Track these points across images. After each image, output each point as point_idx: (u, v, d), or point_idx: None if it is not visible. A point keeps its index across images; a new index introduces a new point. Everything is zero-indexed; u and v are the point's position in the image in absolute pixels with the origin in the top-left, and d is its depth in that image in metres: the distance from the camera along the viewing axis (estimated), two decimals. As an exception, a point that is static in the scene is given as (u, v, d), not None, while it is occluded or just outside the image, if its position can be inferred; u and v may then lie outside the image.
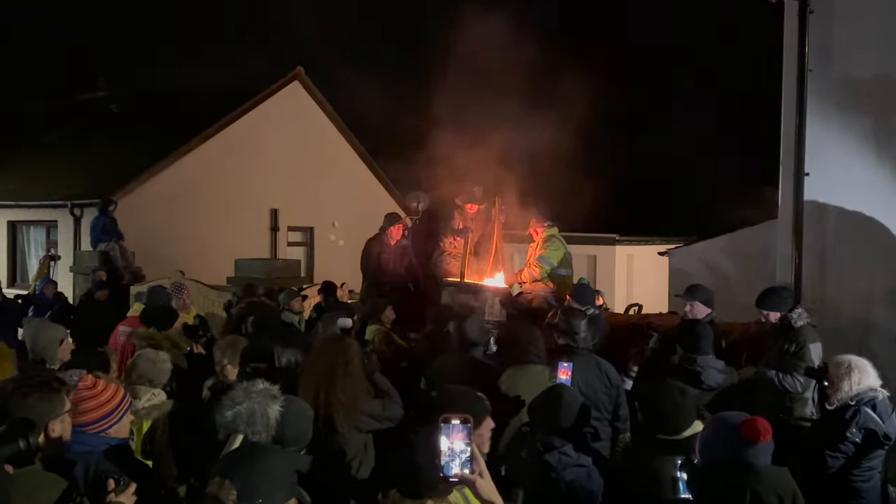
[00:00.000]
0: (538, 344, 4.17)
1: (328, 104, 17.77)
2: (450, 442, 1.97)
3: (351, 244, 14.92)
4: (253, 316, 6.06)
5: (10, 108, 21.53)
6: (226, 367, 4.02)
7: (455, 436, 1.97)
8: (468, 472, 1.96)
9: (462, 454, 1.97)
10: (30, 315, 9.03)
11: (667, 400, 2.97)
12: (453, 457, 1.97)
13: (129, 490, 2.30)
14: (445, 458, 1.96)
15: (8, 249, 15.65)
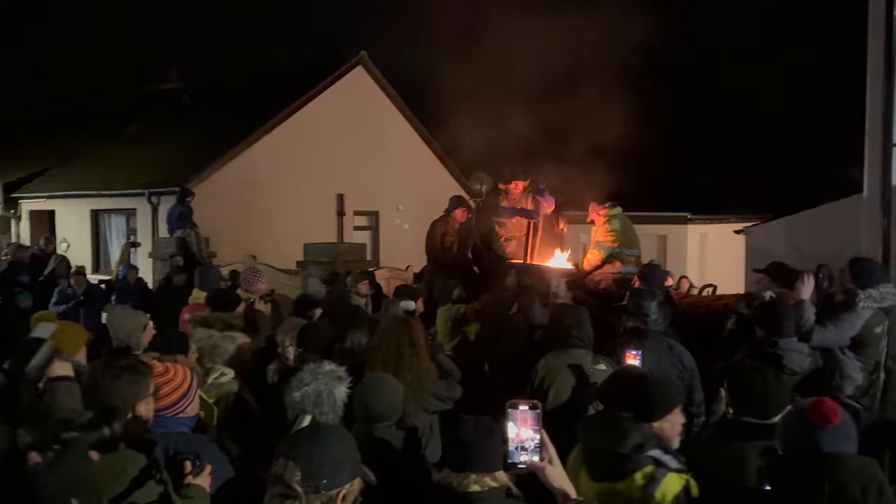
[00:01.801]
0: (582, 327, 4.04)
1: (391, 88, 17.85)
2: (517, 428, 1.92)
3: (415, 227, 14.99)
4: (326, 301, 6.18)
5: (89, 101, 22.61)
6: (287, 349, 4.07)
7: (523, 422, 1.92)
8: (537, 459, 1.91)
9: (531, 441, 1.92)
10: (112, 300, 9.48)
11: (758, 383, 2.81)
12: (521, 443, 1.91)
13: (205, 472, 2.36)
14: (513, 445, 1.91)
15: (91, 237, 16.45)
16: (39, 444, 1.59)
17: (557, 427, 3.54)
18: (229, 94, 18.32)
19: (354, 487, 1.86)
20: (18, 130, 22.70)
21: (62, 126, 20.82)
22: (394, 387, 2.91)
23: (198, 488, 2.34)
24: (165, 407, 2.72)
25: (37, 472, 1.55)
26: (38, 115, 23.44)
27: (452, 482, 2.13)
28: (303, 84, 16.35)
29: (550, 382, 3.87)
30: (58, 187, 16.73)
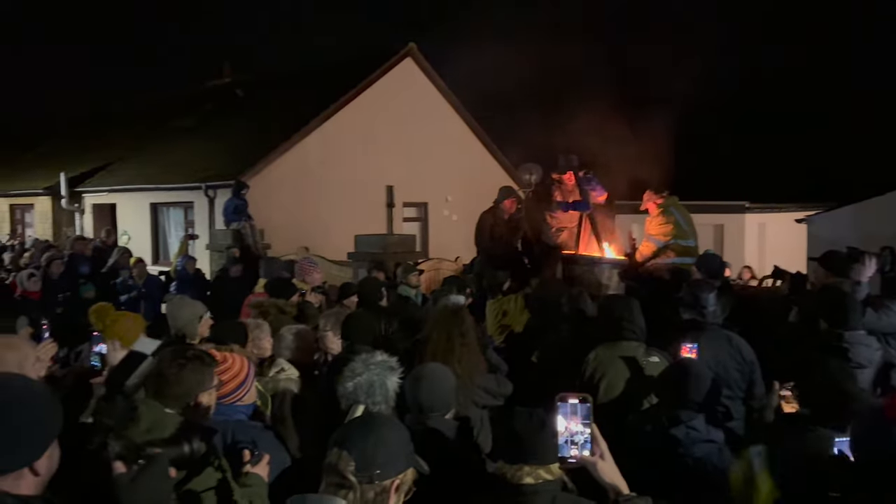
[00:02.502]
0: (634, 319, 3.92)
1: (440, 79, 17.83)
2: (567, 422, 1.88)
3: (464, 218, 14.97)
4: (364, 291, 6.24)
5: (147, 98, 23.33)
6: (327, 336, 4.09)
7: (573, 415, 1.88)
8: (587, 453, 1.87)
9: (581, 435, 1.88)
10: (172, 290, 9.78)
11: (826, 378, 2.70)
12: (571, 437, 1.88)
13: (263, 461, 2.40)
14: (562, 439, 1.88)
15: (151, 229, 16.99)
16: (126, 455, 1.65)
17: (609, 420, 3.51)
18: (282, 88, 18.62)
19: (408, 477, 1.86)
20: (81, 127, 23.64)
21: (122, 122, 21.56)
22: (446, 377, 2.90)
23: (255, 477, 2.38)
24: (223, 395, 2.78)
25: (120, 484, 1.61)
26: (99, 112, 24.32)
27: (506, 474, 2.11)
28: (353, 77, 16.49)
29: (601, 375, 3.80)
30: (119, 181, 17.32)
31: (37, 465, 1.57)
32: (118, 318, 3.72)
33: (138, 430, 2.04)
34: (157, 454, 1.71)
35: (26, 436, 1.56)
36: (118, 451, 1.68)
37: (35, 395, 1.64)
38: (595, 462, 1.89)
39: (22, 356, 2.59)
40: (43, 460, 1.59)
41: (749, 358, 4.04)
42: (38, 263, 9.86)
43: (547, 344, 4.56)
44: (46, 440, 1.60)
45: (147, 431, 2.10)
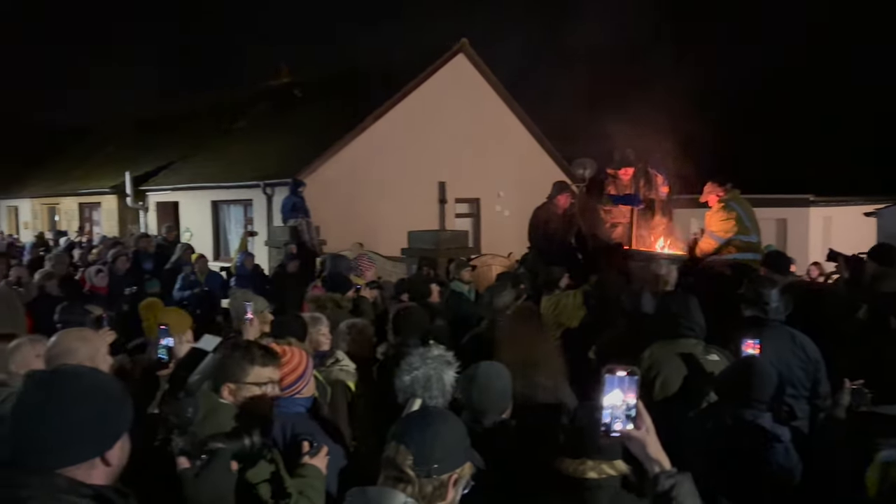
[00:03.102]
0: (692, 316, 3.81)
1: (493, 75, 17.78)
2: (614, 396, 1.86)
3: (517, 214, 14.90)
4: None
5: (209, 98, 24.00)
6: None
7: (620, 389, 1.85)
8: (631, 427, 1.84)
9: (627, 409, 1.84)
10: (233, 285, 10.05)
11: None
12: (617, 412, 1.85)
13: (321, 453, 2.43)
14: (608, 413, 1.85)
15: (212, 226, 17.49)
16: (190, 451, 1.70)
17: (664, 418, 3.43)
18: (337, 87, 18.88)
19: (465, 472, 1.87)
20: (146, 127, 24.51)
21: (184, 122, 22.25)
22: (500, 376, 2.88)
23: (313, 468, 2.41)
24: (283, 388, 2.85)
25: (186, 479, 1.66)
26: (163, 113, 25.16)
27: (568, 468, 2.10)
28: (405, 75, 16.59)
29: (657, 372, 3.72)
30: (181, 180, 17.90)
31: (108, 456, 1.62)
32: (166, 312, 3.85)
33: (199, 424, 2.11)
34: (219, 449, 1.75)
35: (98, 427, 1.61)
36: (182, 446, 1.72)
37: (107, 388, 1.69)
38: (642, 437, 1.87)
39: (94, 349, 2.70)
40: (114, 451, 1.63)
41: (814, 356, 3.91)
42: (105, 260, 10.27)
43: (604, 340, 4.50)
44: (118, 431, 1.65)
45: (203, 419, 2.18)
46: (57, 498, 1.50)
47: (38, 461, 1.53)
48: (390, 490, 1.77)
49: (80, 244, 14.87)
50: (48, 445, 1.55)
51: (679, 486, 1.77)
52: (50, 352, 2.78)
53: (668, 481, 1.78)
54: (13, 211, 26.66)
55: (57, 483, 1.52)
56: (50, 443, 1.55)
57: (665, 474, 1.81)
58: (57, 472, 1.54)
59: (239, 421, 2.17)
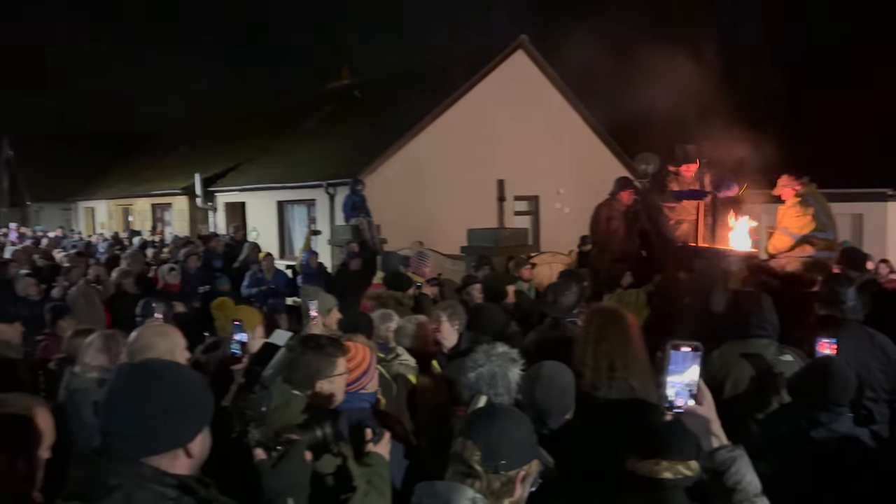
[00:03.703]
0: (764, 315, 3.65)
1: (552, 70, 17.60)
2: (678, 371, 1.83)
3: (577, 211, 14.71)
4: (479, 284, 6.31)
5: (273, 101, 24.65)
6: (443, 325, 4.15)
7: (684, 364, 1.82)
8: (693, 402, 1.83)
9: (690, 385, 1.82)
10: (299, 283, 10.31)
11: None
12: (681, 388, 1.83)
13: (384, 440, 2.47)
14: (672, 388, 1.82)
15: (277, 225, 17.94)
16: (265, 442, 1.77)
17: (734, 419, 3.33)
18: (397, 87, 19.08)
19: (533, 469, 1.87)
20: (215, 129, 25.36)
21: (252, 124, 22.91)
22: (563, 376, 2.87)
23: (377, 456, 2.45)
24: (348, 383, 2.91)
25: (262, 470, 1.73)
26: (231, 115, 25.98)
27: (643, 469, 2.08)
28: (464, 72, 16.62)
29: (727, 374, 3.62)
30: (248, 181, 18.42)
31: (191, 447, 1.68)
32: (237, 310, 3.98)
33: (273, 415, 2.18)
34: (294, 441, 1.81)
35: (182, 418, 1.68)
36: (258, 438, 1.78)
37: (190, 381, 1.76)
38: (704, 412, 1.85)
39: (173, 343, 2.83)
40: (196, 443, 1.69)
41: (894, 357, 3.73)
42: (177, 258, 10.68)
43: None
44: (200, 424, 1.72)
45: (275, 410, 2.25)
46: (142, 486, 1.57)
47: (125, 450, 1.60)
48: (458, 485, 1.79)
49: (153, 243, 15.49)
50: (135, 435, 1.62)
51: (738, 460, 1.80)
52: (131, 346, 2.92)
53: (728, 455, 1.80)
54: (90, 212, 28.04)
55: (142, 472, 1.59)
56: (136, 433, 1.62)
57: (726, 449, 1.82)
58: (142, 462, 1.61)
59: (309, 413, 2.23)
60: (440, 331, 4.12)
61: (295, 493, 1.72)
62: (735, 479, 1.81)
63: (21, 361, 4.51)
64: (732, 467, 1.79)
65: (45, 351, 5.15)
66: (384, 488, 2.40)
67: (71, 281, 8.15)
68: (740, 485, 1.81)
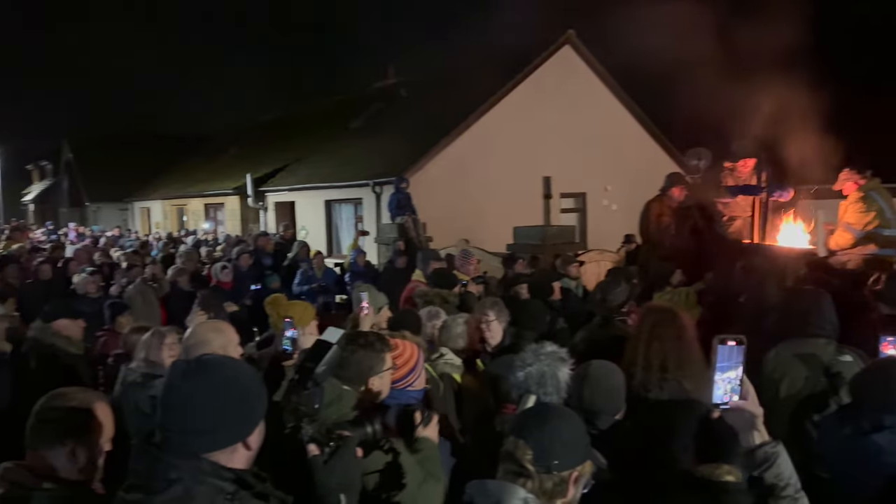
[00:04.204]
0: (823, 314, 3.51)
1: (600, 65, 17.37)
2: (726, 366, 1.79)
3: (625, 208, 14.48)
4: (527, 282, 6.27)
5: (321, 101, 25.00)
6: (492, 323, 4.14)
7: (730, 360, 1.79)
8: (737, 397, 1.80)
9: (735, 379, 1.80)
10: (347, 281, 10.44)
11: None
12: (726, 382, 1.79)
13: (432, 422, 2.48)
14: (719, 384, 1.79)
15: (325, 224, 18.20)
16: (318, 438, 1.79)
17: (790, 422, 3.22)
18: (442, 85, 19.12)
19: (586, 470, 1.85)
20: (265, 131, 25.87)
21: (301, 125, 23.30)
22: (613, 375, 2.82)
23: (426, 440, 2.46)
24: (396, 380, 2.92)
25: (315, 466, 1.75)
26: (281, 116, 26.46)
27: (703, 471, 2.03)
28: (510, 69, 16.54)
29: (782, 374, 3.50)
30: (297, 181, 18.74)
31: (249, 441, 1.71)
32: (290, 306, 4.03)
33: (326, 410, 2.20)
34: (346, 437, 1.83)
35: (241, 413, 1.71)
36: (312, 434, 1.80)
37: (247, 376, 1.79)
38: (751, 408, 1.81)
39: (227, 339, 2.89)
40: (254, 436, 1.72)
41: (964, 359, 3.55)
42: (229, 257, 10.93)
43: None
44: (257, 417, 1.75)
45: (328, 405, 2.27)
46: (202, 480, 1.60)
47: (185, 445, 1.64)
48: (510, 484, 1.78)
49: (206, 242, 15.89)
50: (195, 430, 1.65)
51: (779, 456, 1.79)
52: (186, 342, 3.00)
53: (771, 451, 1.80)
54: (146, 212, 28.95)
55: (202, 466, 1.62)
56: (196, 429, 1.65)
57: (769, 445, 1.81)
58: (202, 456, 1.64)
59: (360, 409, 2.26)
60: (489, 329, 4.11)
61: (347, 490, 1.74)
62: (776, 476, 1.79)
63: (82, 357, 4.68)
64: (774, 464, 1.77)
65: (104, 346, 5.34)
66: (438, 472, 2.41)
67: (128, 279, 8.42)
68: (782, 481, 1.79)
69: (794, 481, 1.81)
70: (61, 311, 4.77)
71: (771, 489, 1.79)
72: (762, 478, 1.81)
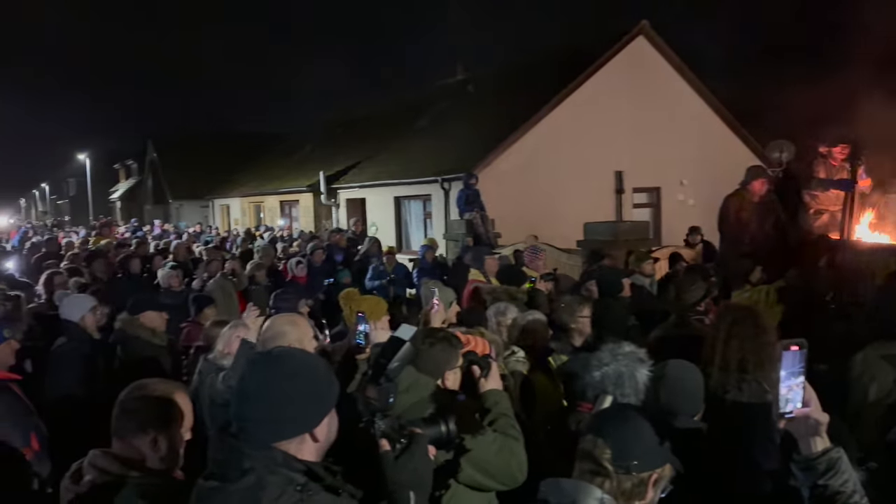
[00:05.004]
0: None
1: (676, 56, 16.87)
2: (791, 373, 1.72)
3: (702, 203, 14.02)
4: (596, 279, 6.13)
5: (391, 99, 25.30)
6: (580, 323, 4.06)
7: (794, 364, 1.72)
8: (800, 405, 1.73)
9: (798, 386, 1.72)
10: (414, 277, 10.52)
11: None
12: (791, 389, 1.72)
13: (493, 371, 2.50)
14: (784, 393, 1.71)
15: (395, 220, 18.41)
16: (390, 434, 1.81)
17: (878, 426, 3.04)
18: (511, 79, 19.01)
19: (665, 473, 1.80)
20: (338, 129, 26.41)
21: (372, 122, 23.66)
22: (692, 376, 2.73)
23: (493, 393, 2.47)
24: (468, 375, 2.92)
25: (385, 461, 1.77)
26: (353, 114, 26.95)
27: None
28: (581, 62, 16.27)
29: (871, 378, 3.32)
30: (367, 178, 19.03)
31: (317, 432, 1.73)
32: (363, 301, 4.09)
33: (402, 397, 2.22)
34: (418, 435, 1.83)
35: (308, 404, 1.73)
36: (383, 429, 1.81)
37: (316, 367, 1.82)
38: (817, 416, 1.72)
39: (302, 332, 2.96)
40: (322, 428, 1.74)
41: None
42: (304, 252, 11.21)
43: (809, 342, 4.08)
44: (325, 409, 1.77)
45: (404, 392, 2.29)
46: (274, 471, 1.63)
47: (257, 435, 1.67)
48: (586, 484, 1.74)
49: (281, 238, 16.35)
50: (263, 420, 1.69)
51: (842, 461, 1.75)
52: (263, 335, 3.09)
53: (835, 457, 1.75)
54: (225, 209, 30.07)
55: (274, 457, 1.66)
56: (265, 418, 1.69)
57: (833, 451, 1.76)
58: (273, 446, 1.67)
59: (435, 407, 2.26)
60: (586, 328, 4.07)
61: (417, 488, 1.74)
62: (842, 484, 1.73)
63: (164, 348, 4.89)
64: (839, 471, 1.72)
65: (187, 338, 5.57)
66: (512, 430, 2.42)
67: (209, 273, 8.74)
68: (848, 488, 1.73)
69: (858, 487, 1.75)
70: (147, 303, 5.00)
71: (834, 496, 1.73)
72: (827, 486, 1.74)
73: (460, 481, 2.32)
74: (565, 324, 4.22)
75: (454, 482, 2.31)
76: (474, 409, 2.42)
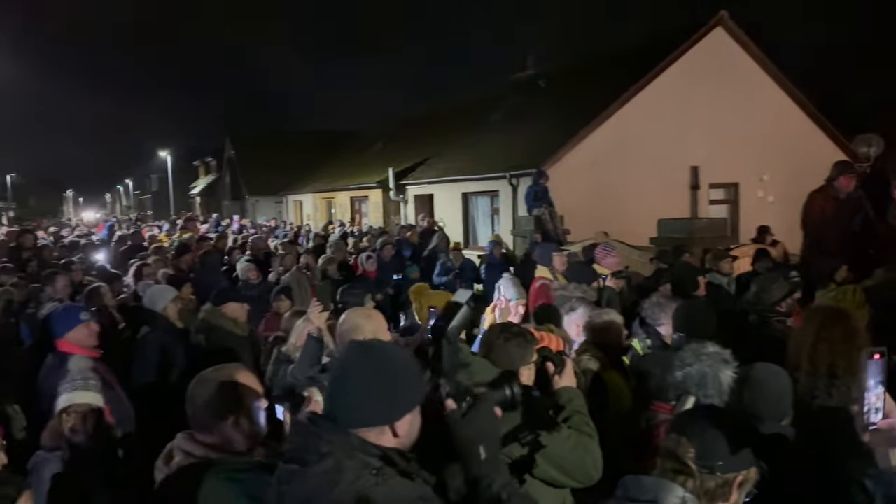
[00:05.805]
0: None
1: (755, 47, 16.22)
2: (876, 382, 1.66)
3: (783, 200, 13.46)
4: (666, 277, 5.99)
5: (460, 95, 25.35)
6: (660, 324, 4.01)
7: (878, 374, 1.66)
8: (881, 416, 1.66)
9: (880, 395, 1.66)
10: (482, 272, 10.54)
11: None
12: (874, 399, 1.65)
13: (567, 369, 2.49)
14: (869, 404, 1.65)
15: (462, 216, 18.46)
16: (455, 395, 1.83)
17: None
18: (583, 73, 18.74)
19: (751, 476, 1.76)
20: (407, 126, 26.70)
21: (441, 119, 23.81)
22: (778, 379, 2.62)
23: (566, 392, 2.46)
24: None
25: (452, 420, 1.79)
26: (422, 111, 27.20)
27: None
28: (655, 55, 15.87)
29: None
30: (435, 174, 19.16)
31: (397, 426, 1.75)
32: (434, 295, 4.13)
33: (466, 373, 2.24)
34: (483, 394, 1.86)
35: (392, 396, 1.76)
36: (449, 390, 1.84)
37: (406, 363, 1.86)
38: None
39: (377, 325, 3.02)
40: (403, 423, 1.76)
41: None
42: (374, 247, 11.40)
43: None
44: (408, 405, 1.79)
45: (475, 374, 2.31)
46: (350, 455, 1.67)
47: (340, 419, 1.73)
48: (668, 482, 1.73)
49: (352, 233, 16.67)
50: (350, 406, 1.74)
51: None
52: (340, 328, 3.16)
53: None
54: (298, 204, 30.90)
55: (351, 441, 1.70)
56: (352, 403, 1.74)
57: None
58: (352, 432, 1.72)
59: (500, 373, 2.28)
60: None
61: (485, 441, 1.76)
62: None
63: (245, 338, 5.08)
64: None
65: (266, 328, 5.77)
66: (587, 428, 2.41)
67: (284, 266, 9.00)
68: None
69: None
70: (230, 295, 5.21)
71: None
72: None
73: (535, 476, 2.32)
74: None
75: (529, 477, 2.31)
76: (548, 406, 2.42)
